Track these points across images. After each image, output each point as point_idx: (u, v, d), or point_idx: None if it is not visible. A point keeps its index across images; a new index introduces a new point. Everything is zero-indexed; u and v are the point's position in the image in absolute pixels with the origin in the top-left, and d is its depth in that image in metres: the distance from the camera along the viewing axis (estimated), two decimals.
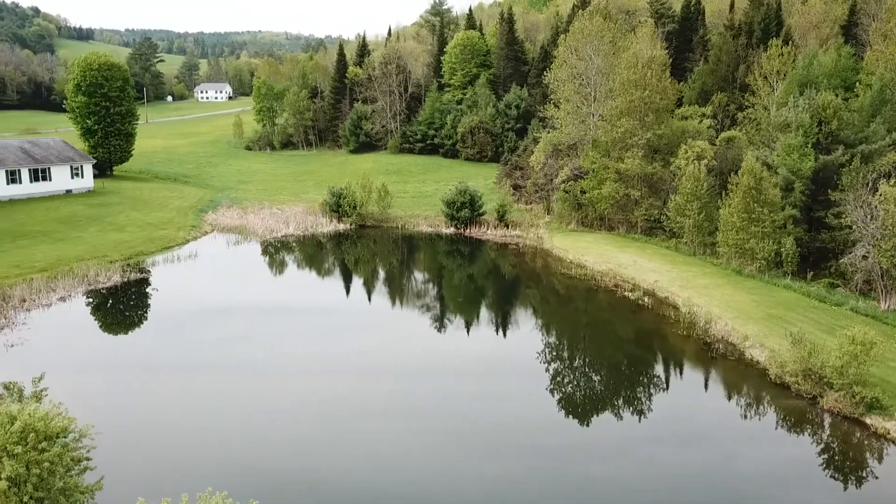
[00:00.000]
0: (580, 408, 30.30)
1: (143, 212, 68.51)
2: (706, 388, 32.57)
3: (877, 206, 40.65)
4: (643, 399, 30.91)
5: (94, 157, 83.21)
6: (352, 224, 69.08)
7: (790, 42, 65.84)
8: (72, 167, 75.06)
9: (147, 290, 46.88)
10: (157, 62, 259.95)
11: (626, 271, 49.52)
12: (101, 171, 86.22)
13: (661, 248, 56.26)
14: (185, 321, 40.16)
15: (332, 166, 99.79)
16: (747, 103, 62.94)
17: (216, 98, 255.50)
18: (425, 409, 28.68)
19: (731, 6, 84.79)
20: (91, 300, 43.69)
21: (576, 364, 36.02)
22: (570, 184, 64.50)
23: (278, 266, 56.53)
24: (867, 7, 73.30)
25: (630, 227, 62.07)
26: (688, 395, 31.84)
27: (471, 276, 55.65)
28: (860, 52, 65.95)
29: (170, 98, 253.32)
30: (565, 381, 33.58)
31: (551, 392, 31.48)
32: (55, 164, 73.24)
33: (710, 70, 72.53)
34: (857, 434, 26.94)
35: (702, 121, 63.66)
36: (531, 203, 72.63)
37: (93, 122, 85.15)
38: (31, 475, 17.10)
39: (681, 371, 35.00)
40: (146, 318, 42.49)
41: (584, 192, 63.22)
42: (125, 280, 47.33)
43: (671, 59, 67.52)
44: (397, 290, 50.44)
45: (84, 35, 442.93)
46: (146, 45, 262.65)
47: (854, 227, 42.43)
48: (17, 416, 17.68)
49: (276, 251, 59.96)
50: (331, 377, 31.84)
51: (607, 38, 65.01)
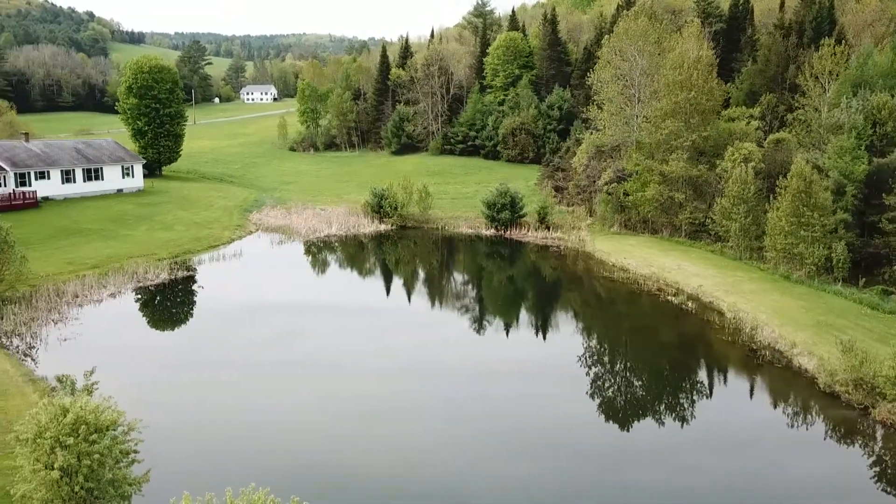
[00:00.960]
0: (620, 412, 29.93)
1: (191, 211, 70.09)
2: (751, 396, 31.84)
3: None
4: (685, 405, 30.38)
5: (144, 157, 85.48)
6: (393, 225, 69.53)
7: (843, 41, 63.90)
8: (123, 167, 77.23)
9: (193, 287, 47.96)
10: (206, 65, 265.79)
11: (670, 275, 48.74)
12: (151, 171, 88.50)
13: (706, 252, 55.21)
14: (228, 318, 40.95)
15: (374, 167, 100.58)
16: (797, 104, 61.32)
17: (261, 100, 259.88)
18: (464, 410, 28.67)
19: (781, 5, 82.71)
20: (140, 297, 44.88)
21: (617, 368, 35.60)
22: (612, 186, 63.78)
23: (320, 266, 57.22)
24: None
25: (674, 231, 61.07)
26: (732, 403, 31.18)
27: (511, 278, 55.47)
28: None
29: (217, 100, 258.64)
30: (606, 385, 33.21)
31: (591, 396, 31.18)
32: (107, 164, 75.46)
33: (759, 70, 70.88)
34: None
35: (749, 122, 62.26)
36: (573, 205, 72.04)
37: (143, 123, 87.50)
38: (82, 466, 17.65)
39: (725, 378, 34.29)
40: (191, 315, 43.47)
41: (627, 195, 62.45)
42: (172, 277, 48.50)
43: (718, 60, 66.21)
44: (437, 291, 50.58)
45: (136, 39, 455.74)
46: (195, 48, 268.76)
47: None
48: (70, 409, 18.28)
49: (318, 251, 60.71)
50: (370, 376, 32.07)
51: (652, 39, 64.11)
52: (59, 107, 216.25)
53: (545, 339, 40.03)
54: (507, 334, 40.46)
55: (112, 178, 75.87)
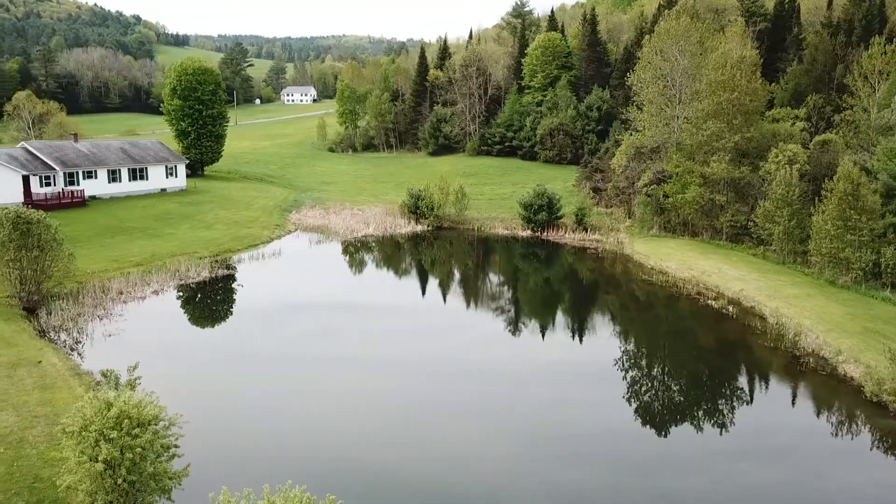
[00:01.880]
0: (658, 418, 29.51)
1: (231, 210, 71.31)
2: (793, 403, 31.09)
3: None
4: (725, 411, 29.80)
5: (186, 157, 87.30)
6: (429, 225, 69.73)
7: (894, 39, 62.02)
8: (166, 167, 78.97)
9: (233, 285, 48.78)
10: (247, 66, 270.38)
11: (710, 279, 47.89)
12: (193, 171, 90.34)
13: (748, 255, 54.11)
14: (267, 316, 41.53)
15: (411, 168, 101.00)
16: (845, 105, 59.74)
17: (301, 101, 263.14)
18: (500, 412, 28.58)
19: (829, 3, 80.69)
20: (181, 294, 45.81)
21: (654, 373, 35.10)
22: (652, 187, 62.94)
23: (358, 265, 57.68)
24: None
25: (715, 234, 59.99)
26: (773, 410, 30.46)
27: (547, 279, 55.14)
28: None
29: (258, 101, 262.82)
30: (643, 389, 32.78)
31: (628, 400, 30.80)
32: (152, 164, 77.24)
33: (805, 70, 69.23)
34: None
35: (794, 123, 60.86)
36: (611, 207, 71.33)
37: (186, 124, 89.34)
38: (125, 459, 18.07)
39: (766, 384, 33.54)
40: (231, 313, 44.21)
41: (667, 197, 61.56)
42: (213, 275, 49.39)
43: (762, 60, 64.95)
44: (472, 292, 50.54)
45: (180, 41, 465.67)
46: (237, 51, 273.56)
47: None
48: (114, 403, 18.73)
49: (355, 251, 61.21)
50: (406, 375, 32.21)
51: (694, 39, 63.10)
52: (107, 108, 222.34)
53: (582, 342, 39.69)
54: (543, 337, 40.23)
55: (156, 178, 77.63)
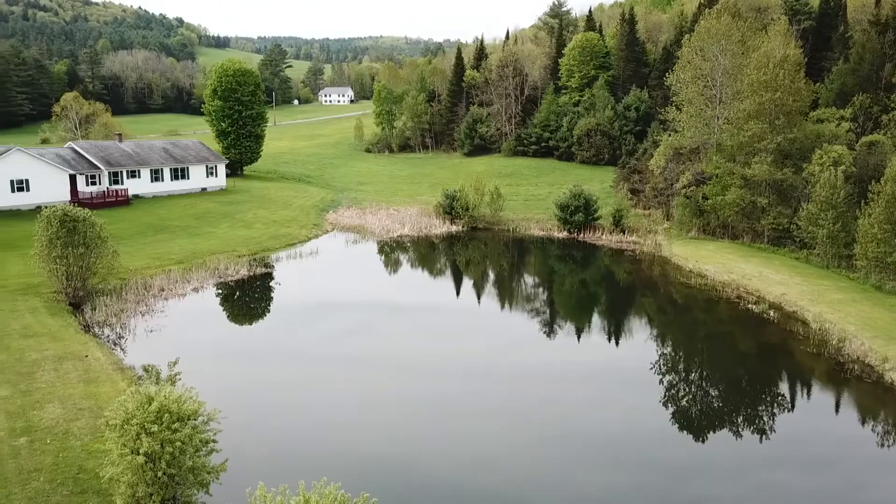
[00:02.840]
0: (695, 423, 29.04)
1: (270, 210, 72.32)
2: (837, 412, 30.30)
3: None
4: (765, 418, 29.19)
5: (226, 157, 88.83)
6: (464, 226, 69.74)
7: None
8: (207, 167, 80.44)
9: (270, 283, 49.45)
10: (286, 67, 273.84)
11: (751, 283, 46.97)
12: (233, 170, 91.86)
13: (790, 259, 52.93)
14: (304, 314, 42.03)
15: (446, 169, 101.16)
16: (893, 105, 58.00)
17: (339, 101, 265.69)
18: (533, 414, 28.45)
19: (877, 0, 78.41)
20: (220, 291, 46.61)
21: (692, 377, 34.55)
22: (691, 189, 61.98)
23: (393, 265, 57.98)
24: None
25: (755, 236, 58.80)
26: (815, 418, 29.74)
27: (583, 281, 54.70)
28: None
29: (296, 102, 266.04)
30: (680, 394, 32.30)
31: (664, 404, 30.37)
32: (193, 163, 78.76)
33: (851, 69, 67.37)
34: None
35: (840, 124, 59.28)
36: (649, 208, 70.46)
37: (227, 124, 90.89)
38: (165, 453, 18.46)
39: (808, 391, 32.76)
40: (268, 311, 44.84)
41: (707, 199, 60.55)
42: (251, 274, 50.14)
43: (806, 59, 63.46)
44: (507, 293, 50.40)
45: (221, 43, 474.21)
46: (276, 52, 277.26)
47: None
48: (155, 398, 19.15)
49: (391, 251, 61.54)
50: (439, 375, 32.27)
51: (735, 38, 61.95)
52: (150, 109, 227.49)
53: (618, 344, 39.28)
54: (579, 339, 39.92)
55: (197, 178, 79.13)
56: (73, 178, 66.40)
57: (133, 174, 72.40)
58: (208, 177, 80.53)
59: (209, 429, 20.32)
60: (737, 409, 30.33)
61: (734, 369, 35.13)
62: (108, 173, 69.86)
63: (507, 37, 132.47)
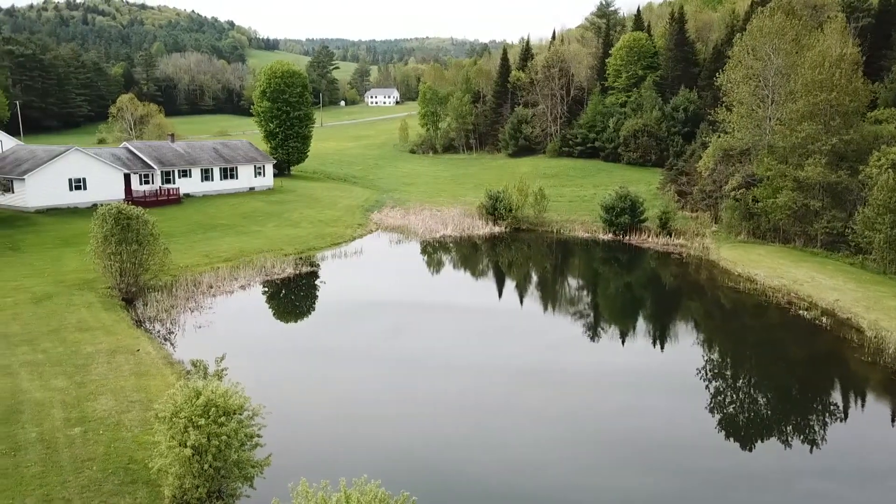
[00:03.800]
0: (742, 431, 28.36)
1: (316, 209, 73.32)
2: (893, 423, 29.24)
3: None
4: (816, 428, 28.34)
5: (274, 157, 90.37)
6: (507, 227, 69.53)
7: None
8: (255, 167, 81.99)
9: (316, 282, 50.14)
10: (333, 69, 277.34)
11: (802, 288, 45.66)
12: (281, 170, 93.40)
13: (844, 264, 51.27)
14: (348, 313, 42.48)
15: (490, 170, 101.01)
16: None
17: (384, 103, 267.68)
18: (574, 418, 28.20)
19: None
20: (267, 289, 47.46)
21: (739, 384, 33.77)
22: (740, 192, 60.56)
23: (435, 265, 58.17)
24: None
25: (808, 241, 57.14)
26: (870, 429, 28.73)
27: (628, 284, 53.98)
28: None
29: (342, 103, 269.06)
30: (726, 401, 31.60)
31: (710, 411, 29.76)
32: (241, 163, 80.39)
33: None
34: None
35: None
36: (697, 211, 69.10)
37: (275, 125, 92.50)
38: (211, 446, 18.87)
39: (862, 401, 31.69)
40: (313, 309, 45.48)
41: (757, 201, 59.09)
42: (297, 272, 50.92)
43: (864, 58, 61.36)
44: (550, 295, 50.06)
45: (271, 45, 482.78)
46: (323, 54, 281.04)
47: None
48: (202, 392, 19.59)
49: (433, 251, 61.75)
50: (481, 376, 32.22)
51: (789, 36, 60.31)
52: (201, 110, 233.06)
53: (663, 349, 38.64)
54: (623, 343, 39.40)
55: (245, 177, 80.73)
56: (127, 177, 68.45)
57: (184, 173, 74.25)
58: (256, 176, 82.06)
59: (254, 424, 20.68)
60: (786, 417, 29.53)
61: (784, 377, 34.21)
62: (161, 172, 71.80)
63: (554, 37, 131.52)
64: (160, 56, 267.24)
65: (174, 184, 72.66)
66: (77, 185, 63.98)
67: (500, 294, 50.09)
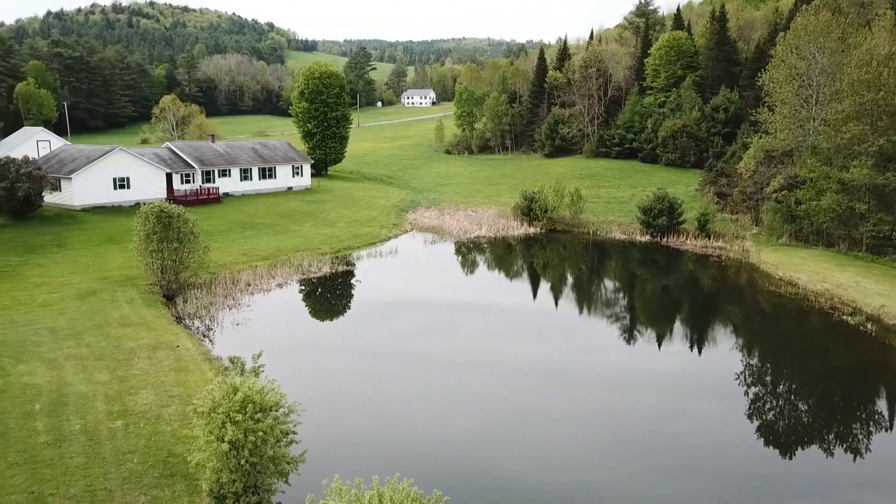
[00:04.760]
0: (782, 438, 27.76)
1: (352, 209, 73.92)
2: None
3: None
4: (859, 437, 27.59)
5: (312, 157, 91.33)
6: (542, 228, 69.16)
7: None
8: (293, 167, 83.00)
9: (351, 281, 50.56)
10: (370, 70, 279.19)
11: (847, 293, 44.49)
12: (318, 170, 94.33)
13: (891, 268, 49.81)
14: (382, 312, 42.76)
15: (525, 170, 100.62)
16: None
17: (420, 103, 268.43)
18: (609, 420, 27.93)
19: None
20: (303, 287, 48.02)
21: (779, 390, 33.06)
22: (782, 193, 59.25)
23: (469, 266, 58.16)
24: None
25: (853, 244, 55.64)
26: None
27: (665, 287, 53.26)
28: None
29: (379, 104, 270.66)
30: (766, 407, 30.96)
31: (749, 417, 29.18)
32: (280, 163, 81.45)
33: None
34: None
35: None
36: (737, 213, 67.84)
37: (312, 125, 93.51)
38: (248, 441, 19.17)
39: None
40: (349, 307, 45.87)
41: (800, 203, 57.74)
42: (333, 271, 51.42)
43: None
44: (585, 297, 49.67)
45: (309, 46, 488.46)
46: (361, 55, 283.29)
47: None
48: (240, 388, 19.91)
49: (468, 251, 61.75)
50: (516, 376, 32.13)
51: (835, 35, 58.83)
52: (241, 110, 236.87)
53: (700, 353, 38.03)
54: (659, 346, 38.89)
55: (283, 177, 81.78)
56: (169, 177, 69.90)
57: (224, 173, 75.52)
58: (294, 176, 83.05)
59: (289, 420, 20.96)
60: (828, 425, 28.82)
61: (826, 383, 33.39)
62: (201, 172, 73.16)
63: (591, 37, 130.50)
64: (202, 57, 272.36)
65: (214, 183, 73.95)
66: (121, 184, 65.55)
67: (535, 295, 49.87)
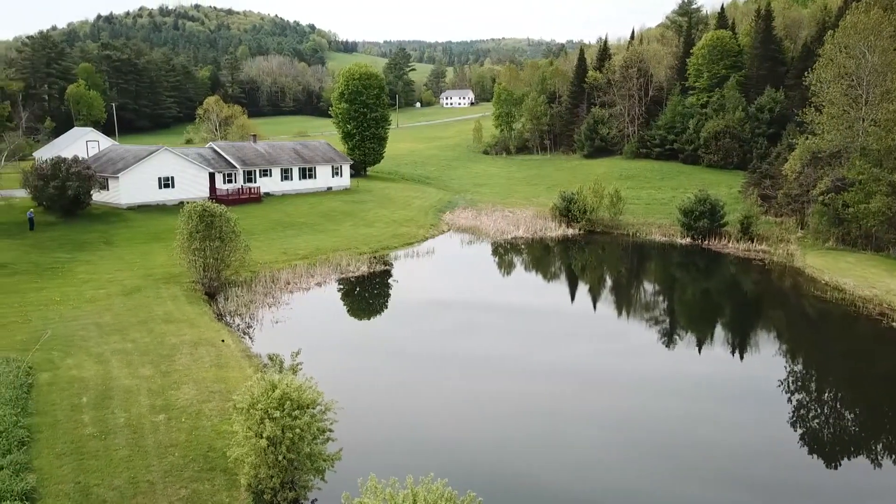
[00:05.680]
0: (827, 447, 27.03)
1: (390, 209, 74.37)
2: None
3: None
4: None
5: (351, 158, 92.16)
6: (581, 229, 68.60)
7: None
8: (333, 167, 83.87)
9: (388, 280, 50.87)
10: (409, 71, 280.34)
11: None
12: (357, 171, 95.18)
13: None
14: (419, 312, 42.92)
15: (564, 171, 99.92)
16: None
17: (459, 104, 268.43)
18: (646, 425, 27.54)
19: None
20: (342, 287, 48.48)
21: (825, 398, 32.21)
22: (829, 196, 57.72)
23: (506, 267, 57.99)
24: None
25: None
26: None
27: (706, 291, 52.34)
28: None
29: (418, 104, 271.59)
30: (810, 415, 30.19)
31: (793, 425, 28.48)
32: (320, 164, 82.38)
33: None
34: None
35: None
36: (781, 216, 66.31)
37: (352, 126, 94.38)
38: (286, 438, 19.46)
39: None
40: (386, 307, 46.15)
41: (847, 206, 56.17)
42: (371, 271, 51.81)
43: None
44: (623, 299, 49.10)
45: (349, 48, 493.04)
46: (400, 56, 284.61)
47: None
48: (278, 385, 20.22)
49: (505, 252, 61.59)
50: (551, 379, 31.92)
51: (887, 33, 57.10)
52: (282, 111, 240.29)
53: (742, 358, 37.26)
54: (699, 350, 38.23)
55: (323, 177, 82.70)
56: (212, 176, 71.27)
57: (265, 173, 76.69)
58: (334, 177, 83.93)
59: (326, 418, 21.21)
60: (876, 434, 27.96)
61: (874, 392, 32.40)
62: (243, 172, 74.40)
63: (633, 36, 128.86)
64: (245, 59, 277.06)
65: (255, 183, 75.14)
66: (166, 183, 67.06)
67: (573, 297, 49.49)
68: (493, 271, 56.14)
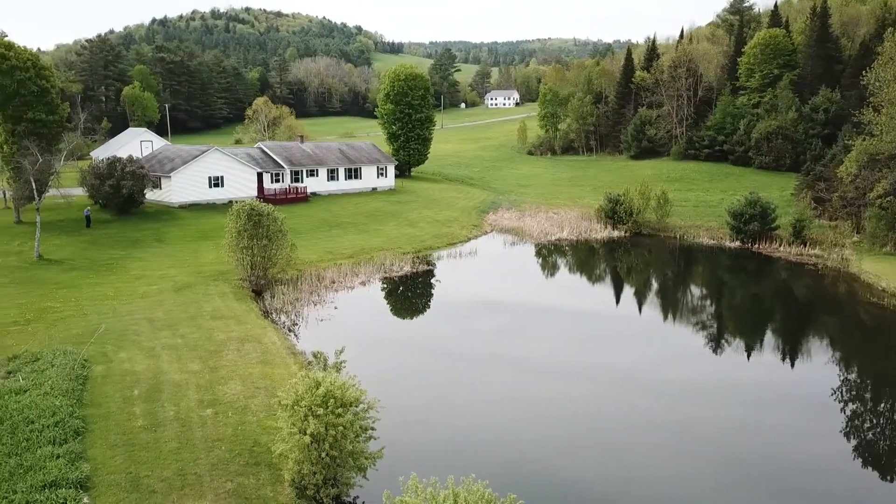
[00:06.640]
0: (883, 459, 26.09)
1: (433, 210, 74.60)
2: None
3: None
4: None
5: (396, 159, 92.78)
6: (626, 231, 67.70)
7: None
8: (378, 168, 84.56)
9: (431, 280, 51.04)
10: (454, 72, 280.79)
11: None
12: (401, 171, 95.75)
13: None
14: (461, 312, 42.94)
15: (610, 172, 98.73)
16: None
17: (504, 104, 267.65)
18: (691, 430, 27.01)
19: None
20: (385, 286, 48.84)
21: (880, 408, 31.09)
22: (888, 200, 55.70)
23: (550, 268, 57.59)
24: None
25: None
26: None
27: (756, 295, 51.08)
28: None
29: (463, 105, 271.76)
30: (865, 425, 29.18)
31: (846, 436, 27.58)
32: (365, 164, 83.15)
33: None
34: None
35: None
36: (836, 219, 64.25)
37: (397, 127, 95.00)
38: (329, 435, 19.69)
39: None
40: (428, 306, 46.31)
41: None
42: (414, 270, 52.07)
43: None
44: (670, 303, 48.25)
45: (395, 49, 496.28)
46: (446, 57, 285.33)
47: None
48: (322, 383, 20.48)
49: (548, 254, 61.16)
50: (595, 382, 31.57)
51: None
52: (329, 112, 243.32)
53: (793, 366, 36.24)
54: (748, 357, 37.31)
55: (368, 178, 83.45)
56: (260, 176, 72.60)
57: (312, 173, 77.77)
58: (378, 177, 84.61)
59: (369, 417, 21.39)
60: None
61: None
62: (290, 172, 75.58)
63: (682, 36, 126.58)
64: (293, 61, 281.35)
65: (302, 183, 76.25)
66: (215, 182, 68.57)
67: (618, 300, 48.86)
68: (536, 273, 55.81)
